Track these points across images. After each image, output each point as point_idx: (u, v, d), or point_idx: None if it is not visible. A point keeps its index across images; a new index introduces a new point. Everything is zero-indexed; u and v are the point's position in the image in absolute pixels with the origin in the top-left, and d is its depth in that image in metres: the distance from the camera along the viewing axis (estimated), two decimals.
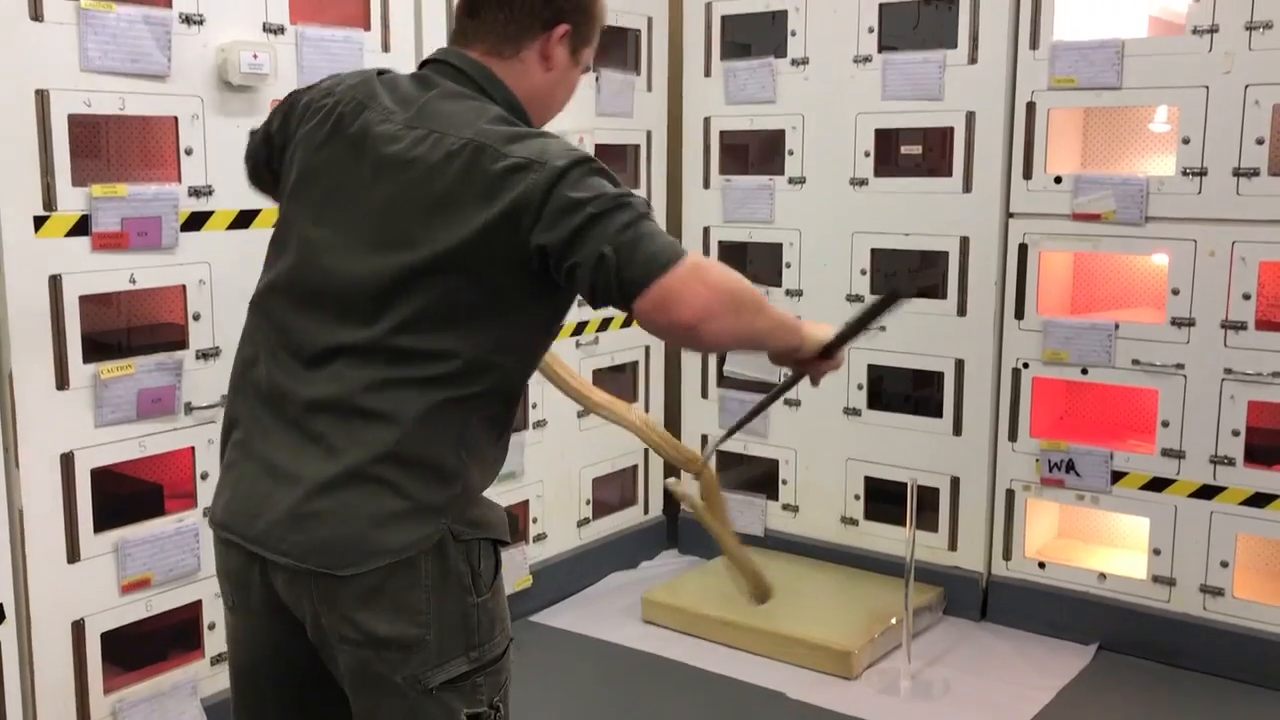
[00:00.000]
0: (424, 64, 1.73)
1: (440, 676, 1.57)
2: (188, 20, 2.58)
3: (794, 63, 3.78)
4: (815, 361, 1.73)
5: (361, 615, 1.54)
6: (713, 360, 4.08)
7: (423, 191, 1.54)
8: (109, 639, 2.61)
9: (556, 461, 3.76)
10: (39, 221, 2.39)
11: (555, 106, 1.77)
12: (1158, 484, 3.31)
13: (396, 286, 1.54)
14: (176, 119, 2.61)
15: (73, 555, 2.51)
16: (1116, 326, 3.33)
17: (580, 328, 3.78)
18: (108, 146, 2.70)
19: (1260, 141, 3.07)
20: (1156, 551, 3.34)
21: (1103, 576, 3.46)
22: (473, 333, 1.56)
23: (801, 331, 1.69)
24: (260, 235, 2.75)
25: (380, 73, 1.71)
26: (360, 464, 1.53)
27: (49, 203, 2.40)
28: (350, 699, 1.63)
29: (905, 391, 3.81)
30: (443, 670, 1.57)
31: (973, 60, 3.45)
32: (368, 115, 1.61)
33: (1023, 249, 3.45)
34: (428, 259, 1.53)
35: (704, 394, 4.14)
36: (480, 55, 1.68)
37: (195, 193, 2.65)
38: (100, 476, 2.56)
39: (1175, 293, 3.24)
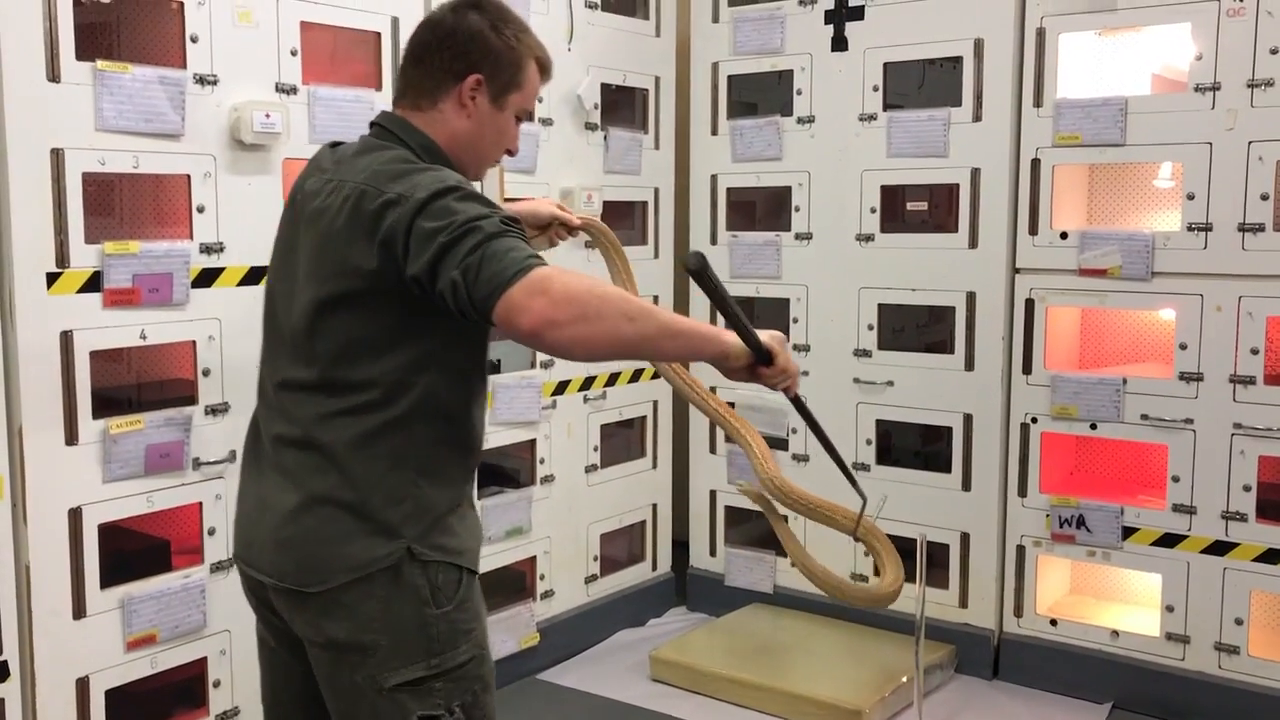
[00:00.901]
0: (370, 127, 1.90)
1: (395, 679, 1.72)
2: (201, 81, 2.63)
3: (800, 121, 3.82)
4: (760, 369, 1.80)
5: (323, 622, 1.74)
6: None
7: (327, 235, 1.72)
8: (113, 696, 2.58)
9: (564, 517, 3.75)
10: (51, 278, 2.41)
11: (486, 151, 1.89)
12: (1169, 540, 3.29)
13: (315, 322, 1.73)
14: (189, 177, 2.64)
15: (78, 611, 2.50)
16: (1125, 381, 3.33)
17: (588, 383, 3.79)
18: (121, 204, 2.73)
19: (1265, 197, 3.09)
20: (1170, 609, 3.31)
21: (1115, 634, 3.42)
22: (384, 359, 1.71)
23: (723, 340, 1.76)
24: None
25: (334, 144, 1.90)
26: (317, 492, 1.73)
27: (62, 259, 2.42)
28: (325, 698, 1.81)
29: (914, 446, 3.80)
30: (398, 673, 1.72)
31: (977, 118, 3.49)
32: (309, 179, 1.83)
33: (1029, 304, 3.46)
34: (331, 294, 1.71)
35: (712, 449, 4.14)
36: (403, 111, 1.86)
37: (207, 249, 2.68)
38: (108, 532, 2.56)
39: (1183, 347, 3.24)
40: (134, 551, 2.68)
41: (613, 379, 3.86)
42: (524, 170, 3.43)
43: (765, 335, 1.81)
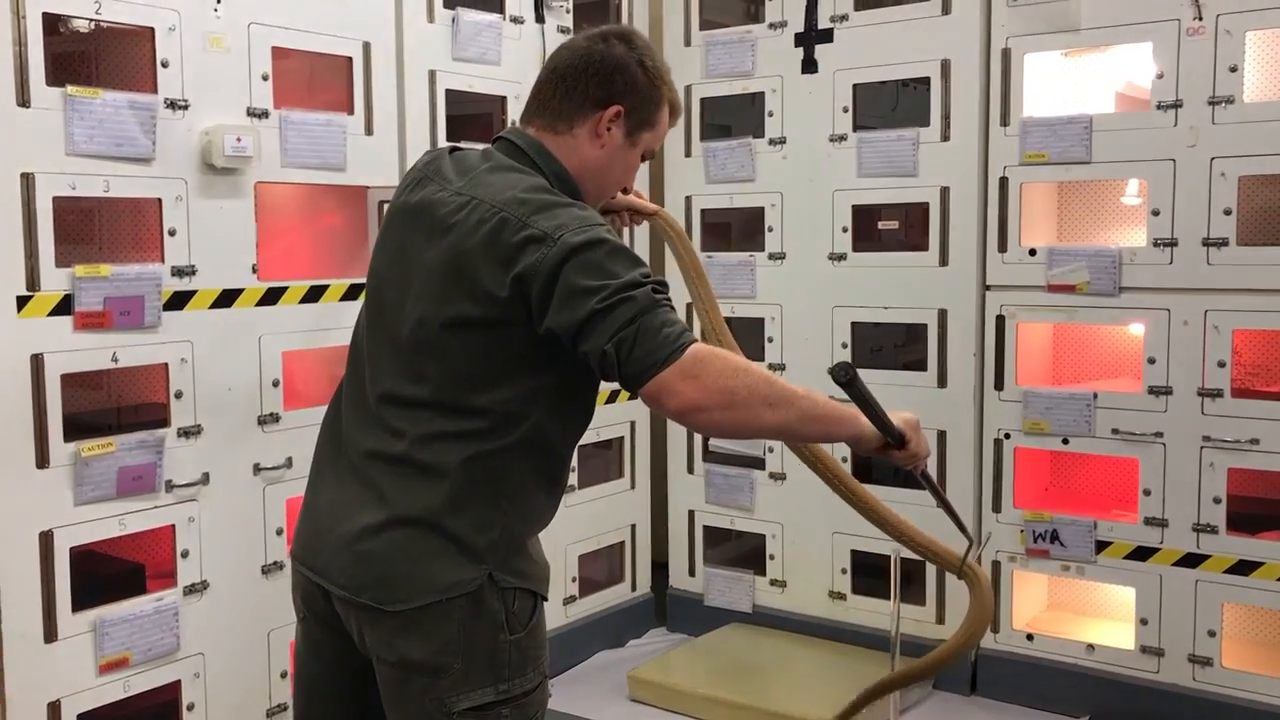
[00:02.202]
0: (494, 140, 1.89)
1: (465, 703, 1.71)
2: (173, 105, 2.65)
3: (772, 142, 3.86)
4: (890, 451, 1.86)
5: (398, 641, 1.72)
6: (698, 436, 4.10)
7: (457, 253, 1.69)
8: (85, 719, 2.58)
9: (542, 538, 3.74)
10: (22, 301, 2.42)
11: (610, 183, 1.91)
12: (1142, 553, 3.31)
13: (435, 340, 1.71)
14: (160, 200, 2.66)
15: (50, 634, 2.50)
16: (1095, 396, 3.36)
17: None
18: (92, 228, 2.75)
19: (1228, 212, 3.13)
20: (1144, 621, 3.33)
21: (1091, 648, 3.44)
22: (502, 388, 1.70)
23: (858, 425, 1.79)
24: (242, 314, 2.82)
25: (453, 150, 1.89)
26: (407, 511, 1.71)
27: (32, 283, 2.43)
28: (387, 714, 1.79)
29: (888, 464, 3.80)
30: (467, 697, 1.71)
31: (945, 138, 3.53)
32: (430, 186, 1.80)
33: (1000, 320, 3.49)
34: (453, 316, 1.69)
35: (690, 469, 4.15)
36: (536, 131, 1.84)
37: (178, 272, 2.69)
38: (80, 555, 2.56)
39: (1151, 361, 3.27)
40: (107, 575, 2.68)
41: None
42: None
43: (899, 419, 1.85)
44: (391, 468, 1.74)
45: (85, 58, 2.81)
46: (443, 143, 3.29)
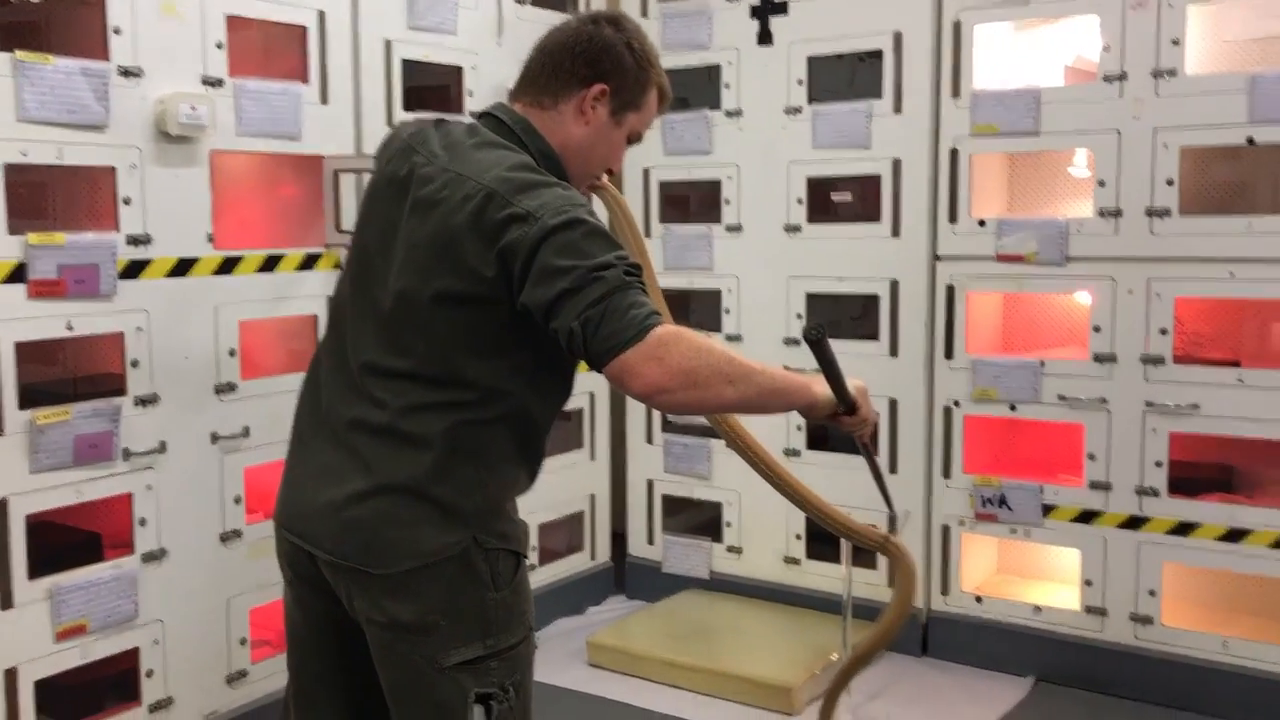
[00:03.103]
0: (479, 115, 1.93)
1: (455, 658, 1.77)
2: (126, 73, 2.64)
3: (729, 114, 3.90)
4: (842, 419, 1.93)
5: (387, 602, 1.78)
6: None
7: (443, 229, 1.73)
8: (43, 687, 2.59)
9: None
10: None
11: (594, 162, 1.93)
12: (1087, 516, 3.40)
13: (422, 313, 1.76)
14: (115, 169, 2.66)
15: (6, 602, 2.51)
16: (1042, 364, 3.43)
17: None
18: (45, 195, 2.74)
19: (1170, 182, 3.20)
20: (1088, 583, 3.42)
21: (1038, 609, 3.52)
22: (488, 362, 1.76)
23: (811, 392, 1.85)
24: (198, 283, 2.83)
25: (439, 122, 1.92)
26: (393, 479, 1.76)
27: None
28: (378, 672, 1.85)
29: (841, 432, 3.87)
30: (457, 653, 1.78)
31: (897, 110, 3.58)
32: (416, 159, 1.83)
33: (950, 290, 3.55)
34: (439, 291, 1.74)
35: (649, 439, 4.20)
36: (523, 107, 1.90)
37: (134, 241, 2.69)
38: (36, 523, 2.56)
39: (1097, 330, 3.35)
40: (65, 545, 2.69)
41: None
42: None
43: (851, 385, 1.91)
44: (375, 437, 1.78)
45: (35, 27, 2.80)
46: (399, 112, 3.30)
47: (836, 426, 1.97)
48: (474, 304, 1.73)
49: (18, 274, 2.49)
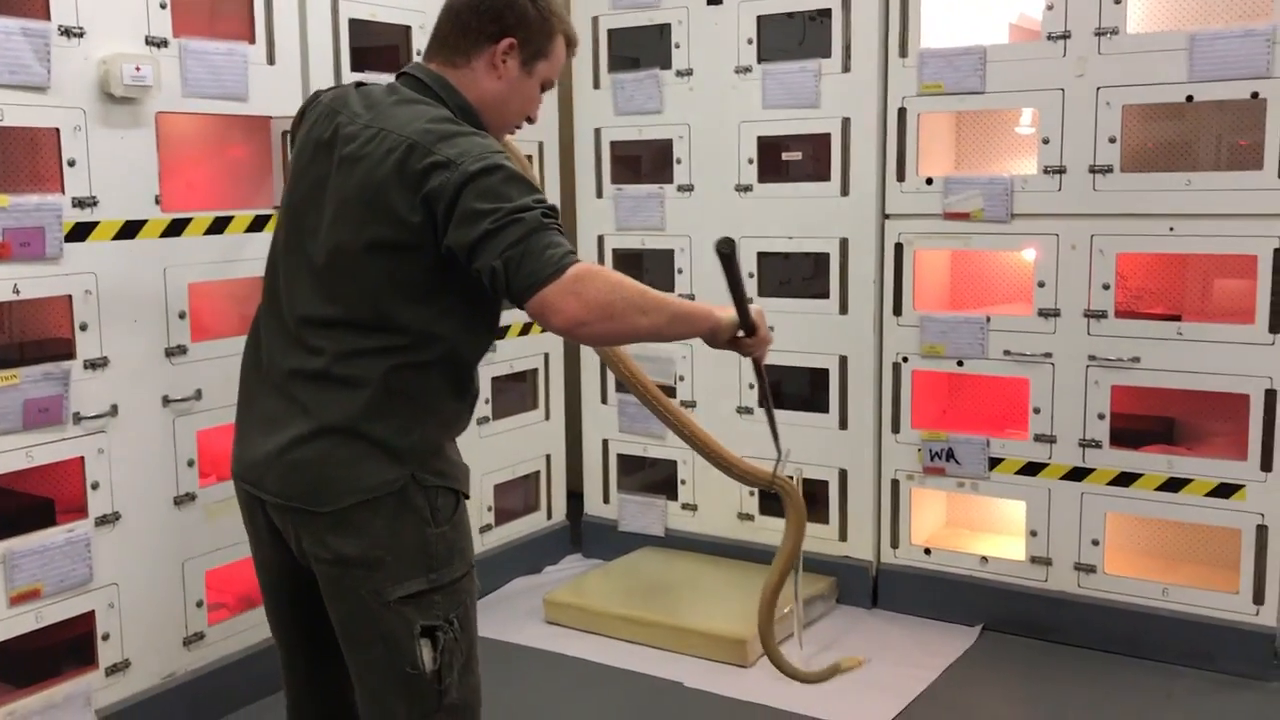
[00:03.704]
0: (397, 76, 2.01)
1: (398, 592, 1.85)
2: (67, 33, 2.61)
3: (679, 74, 3.90)
4: (742, 342, 2.03)
5: (332, 539, 1.86)
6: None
7: (368, 181, 1.82)
8: None
9: None
10: None
11: (511, 112, 2.03)
12: (1032, 469, 3.48)
13: (349, 264, 1.84)
14: (59, 130, 2.63)
15: None
16: (988, 320, 3.49)
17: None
18: None
19: (1112, 140, 3.26)
20: (1033, 533, 3.50)
21: (985, 560, 3.61)
22: (418, 307, 1.84)
23: (714, 316, 1.97)
24: (146, 245, 2.82)
25: (358, 85, 2.01)
26: (331, 421, 1.85)
27: None
28: (329, 610, 1.93)
29: (794, 389, 3.93)
30: (401, 586, 1.85)
31: (846, 69, 3.61)
32: (339, 119, 1.92)
33: (899, 248, 3.60)
34: (370, 240, 1.82)
35: (604, 399, 4.23)
36: (438, 66, 1.98)
37: (79, 204, 2.67)
38: None
39: (1041, 285, 3.41)
40: (15, 508, 2.68)
41: (502, 331, 3.92)
42: None
43: (751, 309, 2.02)
44: (313, 383, 1.88)
45: None
46: (347, 72, 3.28)
47: (736, 350, 2.06)
48: (403, 250, 1.81)
49: None
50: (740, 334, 2.03)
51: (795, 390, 3.93)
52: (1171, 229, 3.22)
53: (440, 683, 1.88)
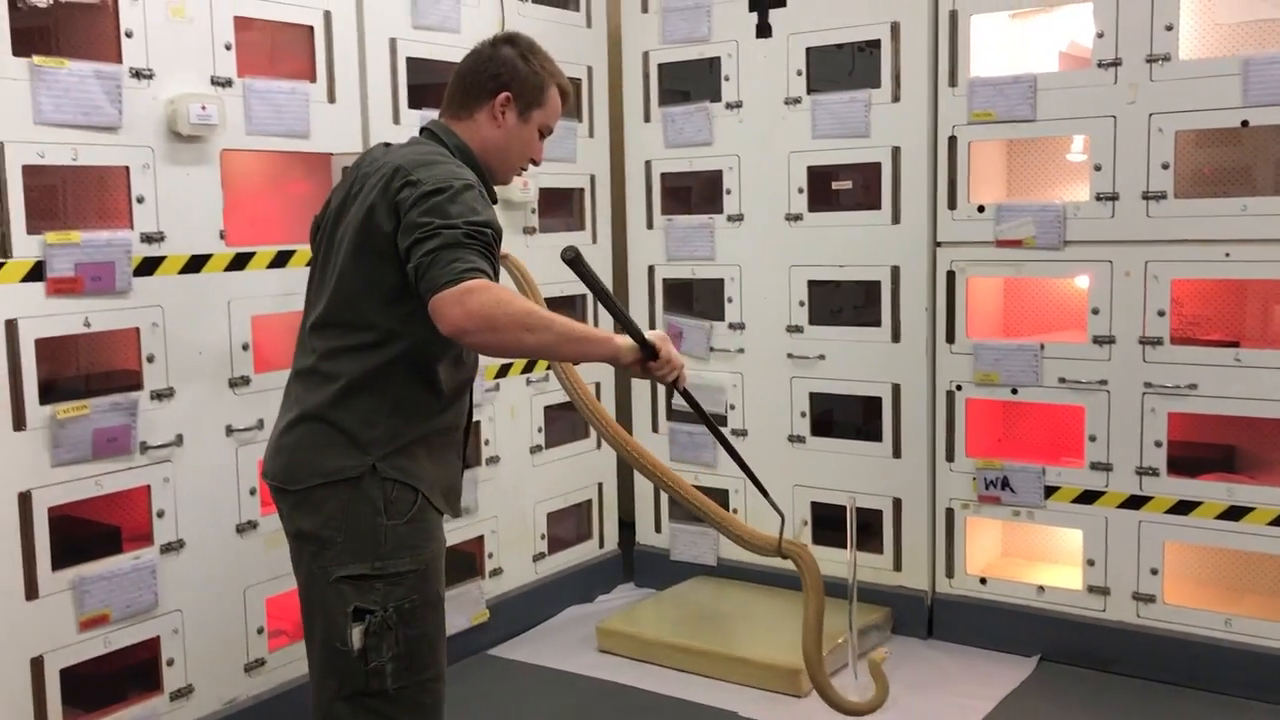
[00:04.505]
0: (420, 130, 2.31)
1: (341, 571, 2.06)
2: (138, 74, 2.70)
3: (729, 106, 3.94)
4: (649, 364, 2.11)
5: (296, 514, 2.12)
6: (662, 395, 4.20)
7: (363, 204, 2.09)
8: (68, 676, 2.65)
9: (510, 498, 3.85)
10: None
11: (514, 155, 2.29)
12: (1088, 497, 3.45)
13: (343, 273, 2.09)
14: (128, 168, 2.72)
15: (31, 592, 2.57)
16: (1042, 347, 3.48)
17: (530, 365, 3.89)
18: (62, 195, 2.80)
19: (1165, 166, 3.25)
20: (1090, 562, 3.46)
21: (1041, 589, 3.57)
22: (388, 309, 2.06)
23: (613, 342, 2.09)
24: (211, 279, 2.90)
25: (386, 144, 2.31)
26: (306, 409, 2.10)
27: (4, 250, 2.50)
28: (295, 577, 2.18)
29: (846, 417, 3.93)
30: (345, 567, 2.06)
31: (896, 98, 3.63)
32: (364, 166, 2.20)
33: (950, 276, 3.60)
34: (359, 246, 2.07)
35: (654, 428, 4.25)
36: (447, 120, 2.28)
37: (147, 239, 2.75)
38: (58, 516, 2.63)
39: (1095, 312, 3.39)
40: (85, 537, 2.75)
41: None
42: None
43: (650, 334, 2.13)
44: (303, 379, 2.15)
45: (47, 31, 2.85)
46: (405, 110, 3.36)
47: (650, 377, 2.15)
48: (379, 257, 2.04)
49: (36, 272, 2.55)
50: (644, 356, 2.10)
51: (848, 419, 3.93)
52: (1228, 254, 3.19)
53: (365, 664, 2.03)
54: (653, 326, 4.12)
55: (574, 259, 2.12)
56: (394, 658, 2.04)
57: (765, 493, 2.64)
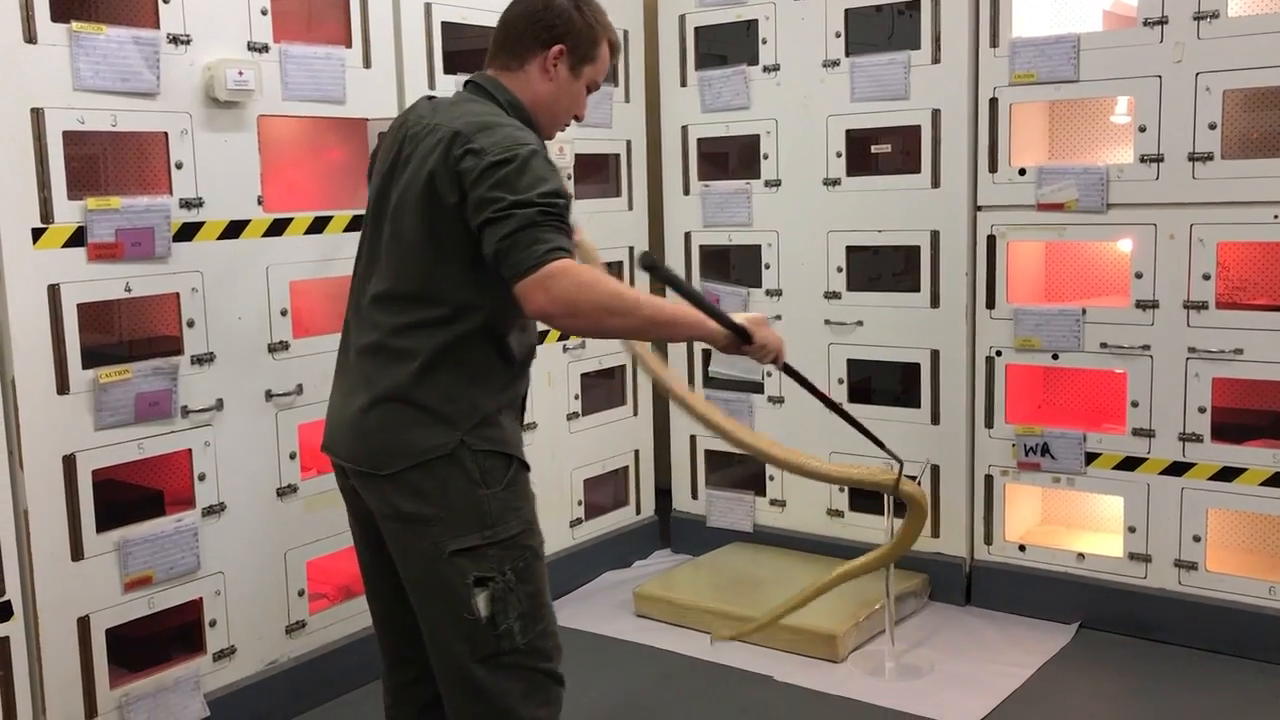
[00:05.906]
0: (464, 84, 2.22)
1: (453, 545, 2.02)
2: (175, 40, 2.71)
3: (766, 69, 3.90)
4: (743, 347, 2.14)
5: (393, 497, 2.05)
6: (699, 361, 4.19)
7: (421, 169, 2.01)
8: (113, 636, 2.70)
9: (547, 463, 3.86)
10: (37, 234, 2.51)
11: (561, 111, 2.22)
12: (1130, 463, 3.41)
13: (405, 244, 2.03)
14: (167, 134, 2.73)
15: (76, 553, 2.62)
16: (1084, 311, 3.43)
17: (567, 334, 3.88)
18: (101, 161, 2.82)
19: (1213, 126, 3.18)
20: (1131, 529, 3.43)
21: (1081, 556, 3.54)
22: (458, 282, 2.01)
23: (706, 326, 2.08)
24: (249, 244, 2.91)
25: (429, 97, 2.23)
26: (386, 391, 2.03)
27: (46, 216, 2.52)
28: (396, 563, 2.12)
29: (884, 384, 3.90)
30: (455, 541, 2.02)
31: (936, 60, 3.57)
32: (408, 123, 2.12)
33: (991, 240, 3.56)
34: (420, 220, 2.01)
35: None
36: (495, 71, 2.19)
37: (186, 204, 2.77)
38: (102, 479, 2.66)
39: (1139, 276, 3.34)
40: (128, 502, 2.78)
41: None
42: None
43: (743, 317, 2.13)
44: (373, 356, 2.07)
45: None
46: (440, 75, 3.35)
47: (745, 354, 2.16)
48: (446, 228, 1.99)
49: (77, 238, 2.57)
50: (739, 341, 2.11)
51: (886, 385, 3.90)
52: (1276, 216, 3.13)
53: (496, 628, 2.02)
54: None
55: (651, 265, 2.14)
56: (519, 616, 2.04)
57: (881, 444, 2.76)
